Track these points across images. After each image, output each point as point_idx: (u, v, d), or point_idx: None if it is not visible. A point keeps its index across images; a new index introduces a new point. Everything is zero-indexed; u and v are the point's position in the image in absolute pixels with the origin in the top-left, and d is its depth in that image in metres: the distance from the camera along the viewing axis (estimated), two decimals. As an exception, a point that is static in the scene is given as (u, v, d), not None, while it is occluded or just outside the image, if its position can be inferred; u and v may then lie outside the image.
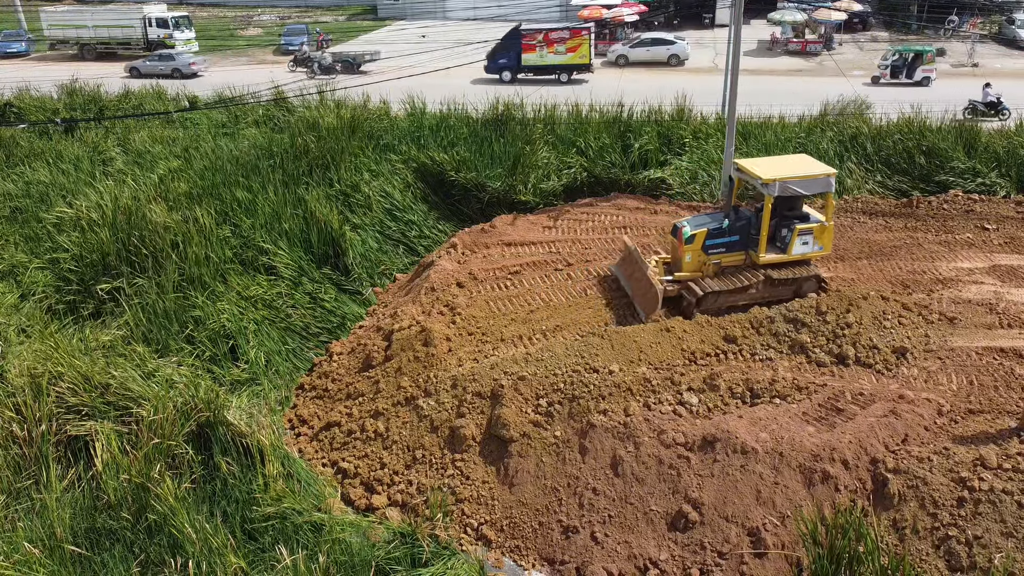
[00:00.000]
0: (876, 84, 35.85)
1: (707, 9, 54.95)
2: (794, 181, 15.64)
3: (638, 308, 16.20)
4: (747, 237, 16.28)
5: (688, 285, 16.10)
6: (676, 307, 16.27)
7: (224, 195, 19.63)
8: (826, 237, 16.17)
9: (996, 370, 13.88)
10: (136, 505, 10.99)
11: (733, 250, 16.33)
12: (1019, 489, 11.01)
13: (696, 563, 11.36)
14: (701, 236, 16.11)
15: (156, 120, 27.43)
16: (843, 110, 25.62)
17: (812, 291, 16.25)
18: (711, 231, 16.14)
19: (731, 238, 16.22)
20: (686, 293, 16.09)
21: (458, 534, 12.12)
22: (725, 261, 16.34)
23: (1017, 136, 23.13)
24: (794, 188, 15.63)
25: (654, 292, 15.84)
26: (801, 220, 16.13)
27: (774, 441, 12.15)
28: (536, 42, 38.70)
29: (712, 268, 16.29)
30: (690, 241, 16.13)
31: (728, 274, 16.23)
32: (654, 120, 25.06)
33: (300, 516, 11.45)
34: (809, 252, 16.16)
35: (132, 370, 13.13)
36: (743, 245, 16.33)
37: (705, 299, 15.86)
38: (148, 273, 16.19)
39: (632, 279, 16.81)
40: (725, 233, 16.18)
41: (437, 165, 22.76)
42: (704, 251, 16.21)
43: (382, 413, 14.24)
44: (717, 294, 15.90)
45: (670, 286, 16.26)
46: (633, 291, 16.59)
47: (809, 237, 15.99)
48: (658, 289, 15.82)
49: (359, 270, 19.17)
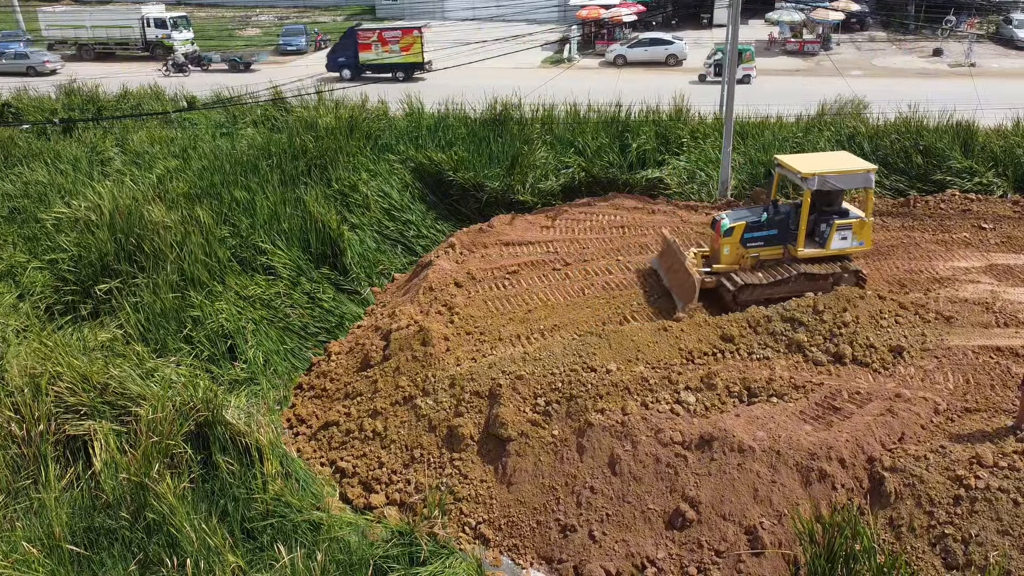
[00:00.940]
0: (703, 82, 36.74)
1: (705, 9, 55.04)
2: (833, 176, 15.73)
3: (676, 298, 16.39)
4: (786, 231, 16.40)
5: (726, 277, 16.26)
6: (714, 299, 16.39)
7: (222, 195, 19.66)
8: (866, 233, 16.20)
9: (992, 369, 13.92)
10: (135, 504, 11.01)
11: (771, 244, 16.46)
12: (1015, 487, 11.06)
13: (693, 561, 11.39)
14: (740, 229, 16.28)
15: (154, 120, 27.44)
16: (841, 110, 25.66)
17: (851, 286, 16.19)
18: (750, 224, 16.32)
19: (769, 232, 16.38)
20: (724, 285, 16.25)
21: (456, 533, 12.15)
22: (763, 255, 16.48)
23: (1014, 136, 23.17)
24: (833, 182, 15.75)
25: (691, 283, 16.02)
26: (840, 215, 16.18)
27: (771, 440, 12.19)
28: (371, 41, 40.70)
29: (750, 261, 16.44)
30: (728, 234, 16.31)
31: (766, 267, 16.36)
32: (652, 120, 25.09)
33: (298, 515, 11.47)
34: (848, 247, 16.19)
35: (130, 370, 13.14)
36: (782, 239, 16.45)
37: (742, 291, 15.99)
38: (146, 273, 16.21)
39: (671, 271, 17.02)
40: (764, 227, 16.35)
41: (435, 165, 22.80)
42: (743, 244, 16.39)
43: (380, 412, 14.27)
44: (754, 287, 16.02)
45: (708, 278, 16.44)
46: (671, 282, 16.81)
47: (848, 232, 16.05)
48: (695, 280, 15.99)
49: (357, 270, 19.20)
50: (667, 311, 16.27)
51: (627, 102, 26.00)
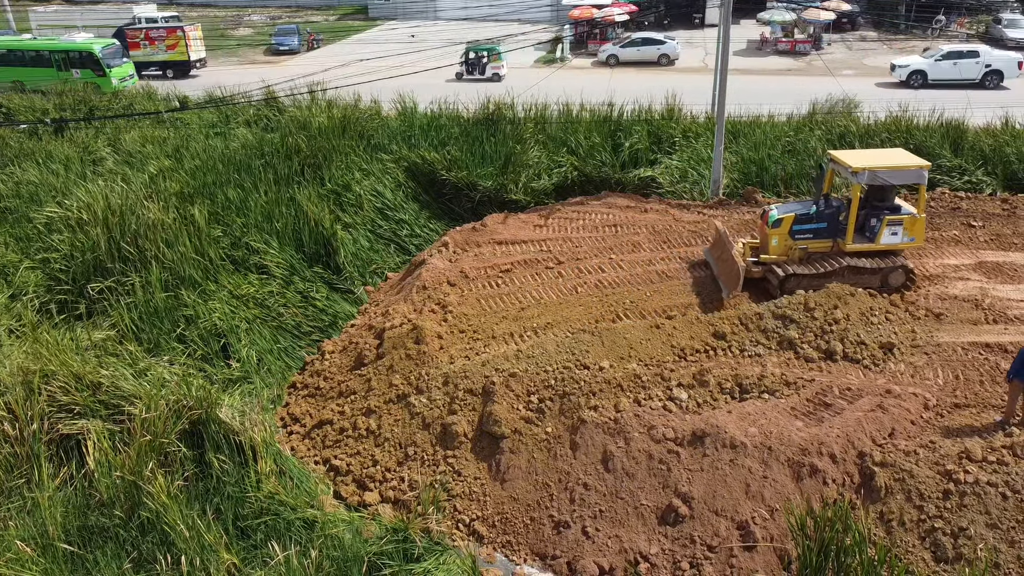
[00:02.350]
0: (459, 80, 38.27)
1: (697, 9, 55.19)
2: (883, 171, 15.84)
3: (722, 286, 16.61)
4: (835, 225, 16.50)
5: (773, 267, 16.41)
6: (761, 290, 16.58)
7: (216, 194, 19.64)
8: (918, 229, 16.27)
9: (982, 365, 14.06)
10: (128, 503, 11.01)
11: (820, 237, 16.57)
12: (1003, 481, 11.18)
13: (686, 556, 11.46)
14: (788, 221, 16.44)
15: (146, 120, 27.38)
16: (832, 109, 25.80)
17: (900, 282, 16.36)
18: (799, 216, 16.48)
19: (819, 225, 16.51)
20: (770, 275, 16.41)
21: (450, 529, 12.20)
22: (812, 247, 16.58)
23: (1003, 134, 23.36)
24: (883, 178, 15.85)
25: (737, 270, 16.20)
26: (892, 211, 16.25)
27: (763, 436, 12.28)
28: (139, 40, 42.52)
29: (799, 253, 16.56)
30: (776, 225, 16.48)
31: (813, 259, 16.46)
32: (644, 119, 25.18)
33: (292, 513, 11.48)
34: (898, 243, 16.27)
35: (124, 369, 13.13)
36: (831, 232, 16.55)
37: (788, 281, 16.14)
38: (139, 272, 16.19)
39: (719, 260, 17.27)
40: (813, 219, 16.48)
41: (428, 164, 22.83)
42: (791, 236, 16.52)
43: (374, 411, 14.30)
44: (800, 277, 16.17)
45: (755, 267, 16.63)
46: (719, 271, 17.04)
47: (899, 228, 16.12)
48: (740, 267, 16.18)
49: (351, 269, 19.21)
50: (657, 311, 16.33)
51: (619, 101, 26.08)
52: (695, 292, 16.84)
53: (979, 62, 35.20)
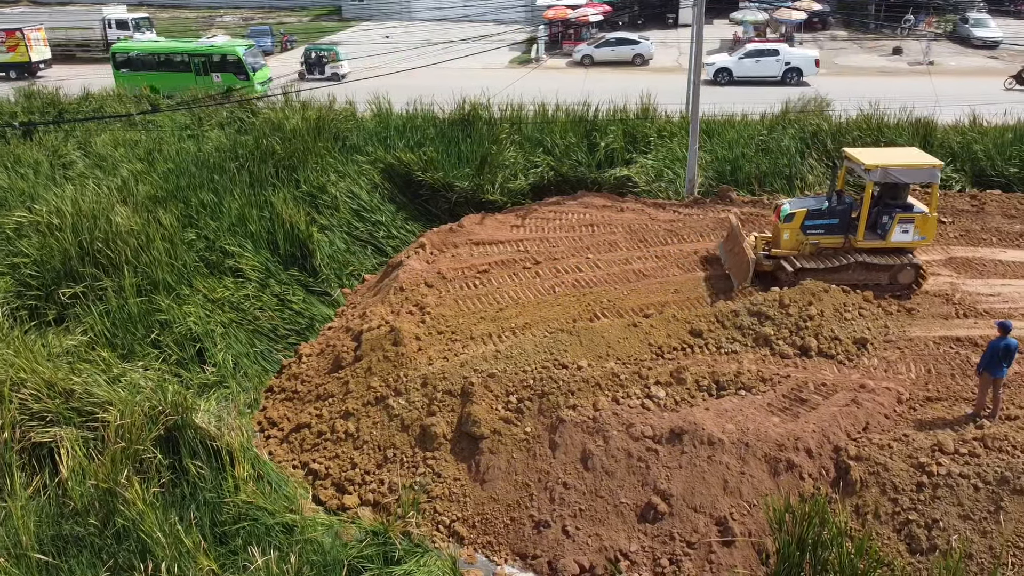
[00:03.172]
0: (302, 79, 39.26)
1: (670, 9, 55.52)
2: (896, 169, 15.98)
3: (732, 277, 16.80)
4: (847, 221, 16.62)
5: (784, 261, 16.59)
6: (772, 283, 16.70)
7: (189, 198, 19.43)
8: (929, 227, 16.38)
9: (953, 358, 14.29)
10: (103, 511, 10.87)
11: (832, 232, 16.71)
12: (975, 473, 11.38)
13: (666, 553, 11.54)
14: (800, 216, 16.59)
15: (117, 123, 27.02)
16: (804, 108, 26.07)
17: (910, 280, 16.49)
18: (811, 211, 16.62)
19: (831, 220, 16.63)
20: (781, 268, 16.59)
21: (430, 531, 12.18)
22: (824, 242, 16.70)
23: (971, 132, 23.75)
24: (895, 175, 16.00)
25: (747, 262, 16.42)
26: (904, 209, 16.39)
27: (740, 432, 12.39)
28: None
29: (810, 248, 16.69)
30: (788, 219, 16.64)
31: (824, 254, 16.60)
32: (619, 119, 25.29)
33: (271, 517, 11.40)
34: (909, 240, 16.38)
35: (97, 375, 12.96)
36: (843, 228, 16.68)
37: (799, 275, 16.29)
38: (112, 277, 15.98)
39: (731, 252, 17.49)
40: (825, 215, 16.62)
41: (404, 165, 22.77)
42: (803, 231, 16.65)
43: (352, 413, 14.23)
44: (811, 271, 16.33)
45: (766, 261, 16.81)
46: (730, 263, 17.26)
47: (910, 226, 16.22)
48: (750, 259, 16.40)
49: (327, 271, 19.11)
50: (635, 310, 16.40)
51: (595, 101, 26.18)
52: (672, 290, 16.95)
53: (779, 60, 37.16)
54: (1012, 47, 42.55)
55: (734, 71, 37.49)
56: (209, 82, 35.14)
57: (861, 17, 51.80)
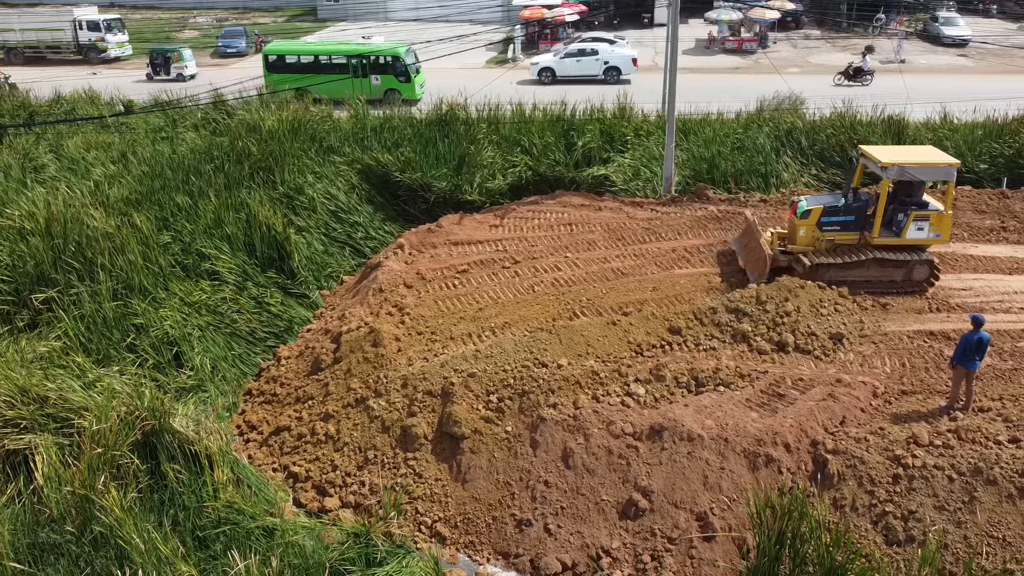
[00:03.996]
0: (150, 80, 40.18)
1: (646, 9, 55.78)
2: (912, 167, 16.12)
3: (748, 273, 16.95)
4: (863, 218, 16.77)
5: (798, 257, 16.72)
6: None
7: (164, 200, 19.23)
8: (944, 225, 16.50)
9: (926, 352, 14.52)
10: (80, 518, 10.72)
11: (848, 229, 16.85)
12: (949, 464, 11.55)
13: (647, 549, 11.60)
14: (816, 212, 16.73)
15: (90, 125, 26.68)
16: (778, 106, 26.33)
17: (924, 276, 16.61)
18: (827, 208, 16.78)
19: (847, 217, 16.78)
20: (796, 264, 16.71)
21: (412, 532, 12.16)
22: (839, 239, 16.84)
23: (941, 128, 24.12)
24: (911, 173, 16.14)
25: (764, 258, 16.66)
26: (919, 207, 16.52)
27: (719, 428, 12.49)
28: None
29: (825, 244, 16.83)
30: (804, 216, 16.77)
31: (840, 251, 16.73)
32: (596, 118, 25.38)
33: (251, 521, 11.32)
34: (924, 238, 16.50)
35: (72, 380, 12.79)
36: (859, 226, 16.82)
37: (814, 270, 16.45)
38: (86, 281, 15.78)
39: (747, 248, 17.68)
40: (841, 212, 16.77)
41: (382, 166, 22.70)
42: (819, 227, 16.79)
43: (332, 415, 14.17)
44: (827, 267, 16.47)
45: (781, 256, 16.93)
46: (746, 259, 17.42)
47: (925, 223, 16.36)
48: (767, 255, 16.62)
49: (305, 273, 19.00)
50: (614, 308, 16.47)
51: (571, 101, 26.25)
52: (651, 288, 17.04)
53: (599, 59, 38.18)
54: (980, 45, 43.27)
55: (556, 71, 38.33)
56: (367, 85, 33.80)
57: (833, 16, 52.37)
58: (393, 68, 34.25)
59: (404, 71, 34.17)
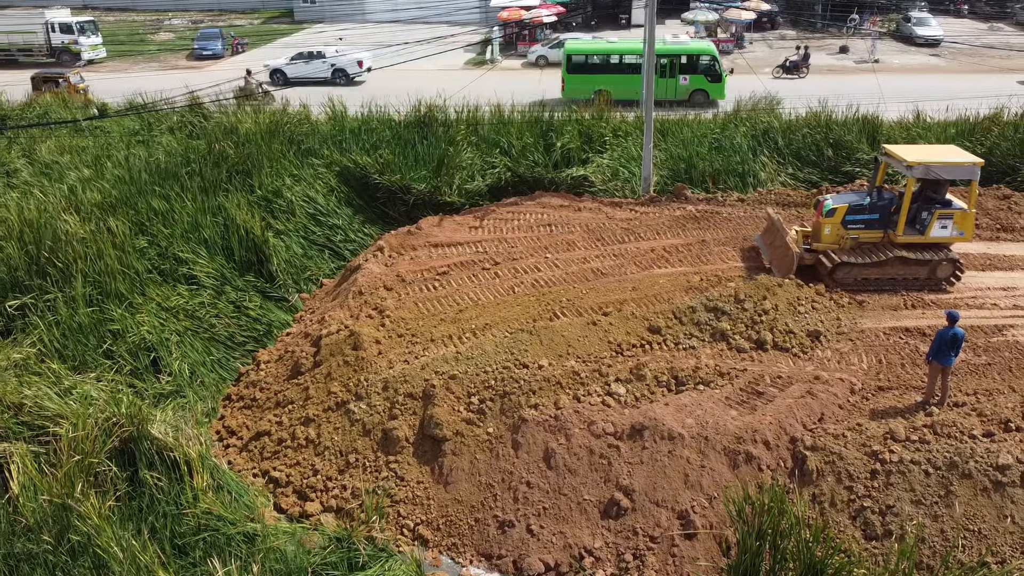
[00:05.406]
0: None
1: (623, 10, 56.02)
2: (937, 166, 16.23)
3: (775, 270, 17.07)
4: (887, 217, 16.86)
5: (824, 255, 16.85)
6: (810, 276, 16.96)
7: (139, 205, 19.03)
8: (968, 223, 16.57)
9: (902, 348, 14.70)
10: (57, 527, 10.60)
11: (872, 228, 16.94)
12: (926, 459, 11.71)
13: (629, 548, 11.66)
14: (842, 211, 16.85)
15: (64, 129, 26.36)
16: (755, 106, 26.55)
17: (948, 275, 16.70)
18: (852, 207, 16.87)
19: (871, 216, 16.88)
20: (821, 262, 16.86)
21: (395, 535, 12.13)
22: (863, 237, 16.93)
23: (915, 127, 24.43)
24: (936, 172, 16.25)
25: (790, 256, 16.80)
26: (943, 205, 16.61)
27: (699, 426, 12.57)
28: None
29: (850, 242, 16.93)
30: (830, 214, 16.89)
31: (864, 249, 16.82)
32: (575, 119, 25.45)
33: (232, 527, 11.24)
34: (948, 236, 16.57)
35: (47, 388, 12.64)
36: (883, 224, 16.91)
37: (839, 269, 16.59)
38: (61, 287, 15.59)
39: (772, 246, 17.81)
40: (866, 210, 16.87)
41: (360, 168, 22.61)
42: (844, 226, 16.90)
43: (313, 419, 14.10)
44: (851, 265, 16.57)
45: (807, 255, 17.05)
46: (771, 256, 17.56)
47: (949, 222, 16.43)
48: (794, 253, 16.76)
49: (284, 276, 18.88)
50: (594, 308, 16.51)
51: (550, 101, 26.29)
52: (630, 288, 17.11)
53: (326, 62, 40.00)
54: (952, 45, 43.88)
55: (288, 73, 39.83)
56: (674, 85, 32.71)
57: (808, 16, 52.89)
58: (704, 68, 33.15)
59: (715, 72, 33.12)
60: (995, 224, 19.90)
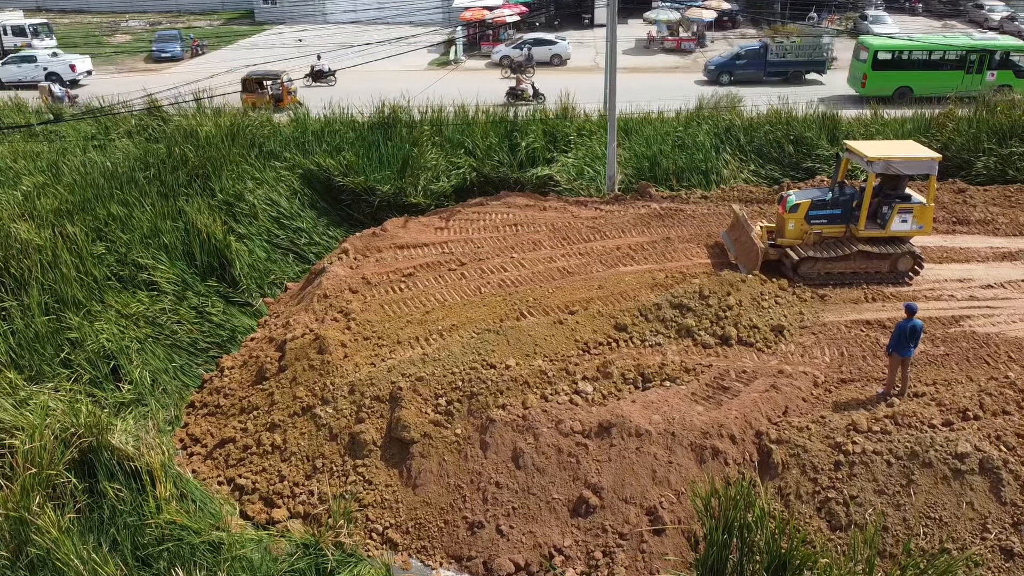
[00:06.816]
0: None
1: (585, 9, 56.25)
2: (897, 161, 16.47)
3: (740, 266, 17.26)
4: (849, 211, 17.15)
5: (789, 250, 17.10)
6: (774, 271, 17.20)
7: (96, 210, 18.65)
8: (926, 217, 16.90)
9: (863, 341, 14.94)
10: (15, 541, 10.34)
11: (835, 222, 17.23)
12: (887, 449, 11.91)
13: (599, 546, 11.69)
14: (805, 207, 17.12)
15: (17, 134, 25.75)
16: (717, 104, 26.80)
17: (908, 267, 17.05)
18: (815, 202, 17.15)
19: (833, 211, 17.19)
20: (785, 258, 17.13)
21: (363, 540, 12.02)
22: (826, 232, 17.22)
23: (873, 124, 24.86)
24: (896, 167, 16.51)
25: (755, 251, 16.99)
26: (903, 200, 16.88)
27: (666, 422, 12.65)
28: None
29: (813, 237, 17.21)
30: (793, 210, 17.16)
31: (827, 244, 17.06)
32: (539, 119, 25.48)
33: (196, 536, 11.05)
34: (907, 230, 16.89)
35: (2, 399, 12.33)
36: (845, 219, 17.20)
37: (803, 263, 16.85)
38: (16, 296, 15.22)
39: (737, 242, 17.98)
40: (828, 206, 17.16)
41: (324, 171, 22.40)
42: (807, 221, 17.16)
43: (279, 425, 13.93)
44: (815, 260, 16.85)
45: (771, 250, 17.30)
46: (737, 252, 17.74)
47: (908, 216, 16.75)
48: (759, 249, 16.93)
49: (247, 281, 18.63)
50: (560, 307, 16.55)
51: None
52: (596, 286, 17.17)
53: (38, 65, 40.09)
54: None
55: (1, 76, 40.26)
56: (978, 81, 31.95)
57: (768, 16, 53.58)
58: (1014, 64, 32.75)
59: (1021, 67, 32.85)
60: (951, 217, 20.32)
